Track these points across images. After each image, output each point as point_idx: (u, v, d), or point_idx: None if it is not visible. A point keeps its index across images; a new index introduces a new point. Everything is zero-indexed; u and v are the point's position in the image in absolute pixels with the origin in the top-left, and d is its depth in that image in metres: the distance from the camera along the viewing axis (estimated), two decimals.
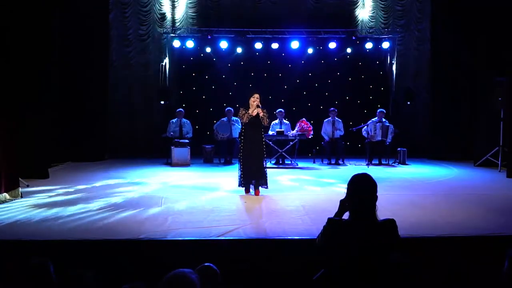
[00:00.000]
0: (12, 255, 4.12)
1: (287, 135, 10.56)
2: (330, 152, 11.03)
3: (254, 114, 6.88)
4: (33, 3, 7.77)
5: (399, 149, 10.97)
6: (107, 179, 8.25)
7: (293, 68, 12.47)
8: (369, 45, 12.19)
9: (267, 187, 7.01)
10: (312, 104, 12.49)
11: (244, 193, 6.96)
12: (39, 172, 8.08)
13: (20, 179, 6.79)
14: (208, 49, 12.18)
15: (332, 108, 11.27)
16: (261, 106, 6.94)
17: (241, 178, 7.00)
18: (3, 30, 6.50)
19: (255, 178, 6.95)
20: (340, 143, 11.00)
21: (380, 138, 10.69)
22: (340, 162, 10.96)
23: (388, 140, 10.75)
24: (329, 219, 2.97)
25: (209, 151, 11.12)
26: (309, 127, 10.51)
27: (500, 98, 9.38)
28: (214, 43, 12.04)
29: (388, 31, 12.25)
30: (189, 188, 7.49)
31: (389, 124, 10.85)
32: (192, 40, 11.95)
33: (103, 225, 5.06)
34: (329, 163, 10.96)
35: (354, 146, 11.88)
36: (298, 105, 12.33)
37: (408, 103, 11.96)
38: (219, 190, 7.32)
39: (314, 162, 11.15)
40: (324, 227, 2.98)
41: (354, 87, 12.57)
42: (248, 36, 11.85)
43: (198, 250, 4.43)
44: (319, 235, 3.05)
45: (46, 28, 8.49)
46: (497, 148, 9.58)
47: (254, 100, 6.92)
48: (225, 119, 10.95)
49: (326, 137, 11.15)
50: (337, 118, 11.22)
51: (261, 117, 6.89)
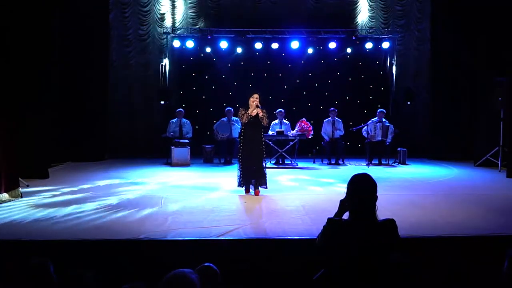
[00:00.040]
0: (12, 255, 4.12)
1: (287, 135, 10.56)
2: (330, 152, 11.03)
3: (254, 114, 6.88)
4: (33, 3, 7.76)
5: (399, 149, 10.97)
6: (107, 179, 8.26)
7: (293, 68, 12.47)
8: (369, 45, 12.19)
9: (267, 187, 7.02)
10: (312, 104, 12.49)
11: (244, 193, 6.96)
12: (39, 172, 8.08)
13: (20, 179, 6.78)
14: (208, 49, 12.18)
15: (332, 108, 11.27)
16: (261, 106, 6.94)
17: (241, 178, 7.00)
18: (3, 30, 6.50)
19: (255, 178, 6.96)
20: (340, 143, 11.00)
21: (380, 138, 10.69)
22: (340, 162, 10.96)
23: (388, 140, 10.74)
24: (329, 219, 2.97)
25: (209, 151, 11.12)
26: (309, 127, 10.51)
27: (500, 98, 9.38)
28: (214, 43, 12.04)
29: (388, 31, 12.24)
30: (189, 188, 7.49)
31: (389, 124, 10.85)
32: (192, 40, 11.95)
33: (103, 225, 5.06)
34: (329, 163, 10.96)
35: (354, 146, 11.88)
36: (298, 105, 12.33)
37: (408, 103, 11.96)
38: (219, 190, 7.32)
39: (314, 162, 11.15)
40: (324, 227, 2.98)
41: (354, 87, 12.57)
42: (248, 36, 11.84)
43: (198, 250, 4.43)
44: (319, 235, 3.05)
45: (46, 28, 8.49)
46: (497, 148, 9.58)
47: (254, 100, 6.92)
48: (225, 119, 10.95)
49: (326, 137, 11.15)
50: (337, 118, 11.22)
51: (261, 117, 6.89)
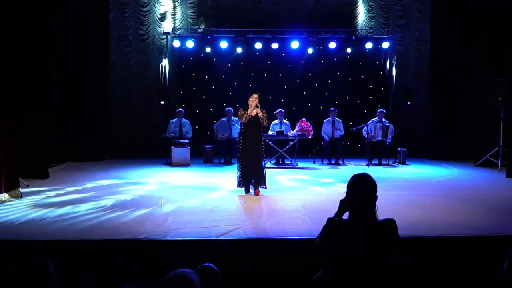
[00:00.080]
0: (12, 255, 4.12)
1: (287, 135, 10.55)
2: (330, 152, 11.03)
3: (253, 114, 6.88)
4: (33, 3, 7.76)
5: (399, 149, 10.97)
6: (107, 179, 8.25)
7: (293, 68, 12.47)
8: (369, 45, 12.18)
9: (266, 187, 7.02)
10: (312, 104, 12.49)
11: (244, 193, 6.96)
12: (39, 172, 8.08)
13: (20, 179, 6.78)
14: (208, 49, 12.17)
15: (332, 108, 11.27)
16: (261, 106, 6.94)
17: (240, 179, 7.01)
18: (3, 30, 6.50)
19: (255, 178, 6.96)
20: (340, 143, 10.99)
21: (380, 138, 10.69)
22: (340, 162, 10.96)
23: (388, 140, 10.74)
24: (329, 219, 2.97)
25: (209, 151, 11.12)
26: (309, 127, 10.51)
27: (500, 98, 9.38)
28: (214, 43, 12.04)
29: (388, 31, 12.24)
30: (189, 188, 7.49)
31: (389, 124, 10.85)
32: (192, 40, 11.95)
33: (103, 225, 5.05)
34: (329, 163, 10.96)
35: (354, 146, 11.88)
36: (298, 105, 12.33)
37: (408, 103, 11.96)
38: (219, 190, 7.32)
39: (314, 162, 11.15)
40: (324, 227, 2.98)
41: (354, 87, 12.57)
42: (248, 36, 11.84)
43: (198, 250, 4.43)
44: (319, 235, 3.05)
45: (46, 28, 8.49)
46: (497, 148, 9.58)
47: (253, 101, 6.92)
48: (225, 119, 10.95)
49: (326, 137, 11.15)
50: (337, 118, 11.22)
51: (260, 117, 6.89)
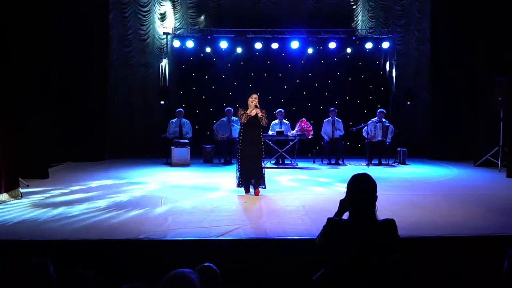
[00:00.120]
0: (12, 255, 4.12)
1: (287, 135, 10.55)
2: (330, 152, 11.03)
3: (253, 114, 6.88)
4: (33, 3, 7.76)
5: (399, 149, 10.97)
6: (107, 179, 8.25)
7: (293, 68, 12.46)
8: (369, 45, 12.18)
9: (265, 187, 7.02)
10: (312, 104, 12.49)
11: (244, 193, 6.96)
12: (39, 172, 8.08)
13: (20, 179, 6.78)
14: (208, 49, 12.17)
15: (332, 108, 11.27)
16: (261, 106, 6.95)
17: (239, 179, 7.01)
18: (3, 30, 6.50)
19: (254, 178, 6.96)
20: (340, 143, 10.99)
21: (380, 138, 10.69)
22: (340, 162, 10.96)
23: (388, 140, 10.74)
24: (329, 219, 2.97)
25: (209, 151, 11.12)
26: (309, 127, 10.51)
27: (500, 98, 9.38)
28: (214, 43, 12.04)
29: (388, 31, 12.24)
30: (189, 188, 7.49)
31: (389, 124, 10.85)
32: (192, 40, 11.94)
33: (103, 225, 5.06)
34: (329, 163, 10.96)
35: (354, 146, 11.87)
36: (298, 105, 12.33)
37: (408, 103, 11.95)
38: (219, 190, 7.32)
39: (314, 162, 11.15)
40: (324, 227, 2.98)
41: (354, 87, 12.57)
42: (248, 36, 11.84)
43: (198, 250, 4.43)
44: (319, 235, 3.05)
45: (46, 28, 8.49)
46: (497, 148, 9.58)
47: (252, 101, 6.92)
48: (225, 119, 10.95)
49: (326, 137, 11.15)
50: (337, 118, 11.22)
51: (260, 117, 6.89)
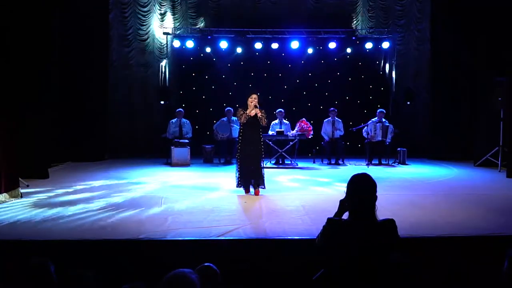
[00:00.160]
0: (12, 255, 4.12)
1: (287, 135, 10.55)
2: (330, 152, 11.03)
3: (252, 115, 6.88)
4: (33, 3, 7.76)
5: (399, 149, 10.97)
6: (107, 179, 8.26)
7: (293, 68, 12.46)
8: (369, 45, 12.17)
9: (265, 187, 7.02)
10: (312, 104, 12.49)
11: (244, 193, 6.96)
12: (39, 172, 8.08)
13: (20, 179, 6.78)
14: (208, 49, 12.17)
15: (332, 108, 11.27)
16: (261, 107, 6.95)
17: (239, 179, 7.01)
18: (3, 30, 6.50)
19: (254, 178, 6.96)
20: (340, 143, 10.99)
21: (380, 138, 10.69)
22: (340, 162, 10.96)
23: (388, 140, 10.74)
24: (329, 219, 2.97)
25: (209, 151, 11.12)
26: (309, 127, 10.51)
27: (500, 98, 9.38)
28: (214, 43, 12.03)
29: (388, 31, 12.23)
30: (189, 188, 7.49)
31: (389, 124, 10.85)
32: (192, 40, 11.94)
33: (103, 225, 5.06)
34: (329, 163, 10.96)
35: (354, 146, 11.87)
36: (298, 105, 12.33)
37: (408, 103, 11.96)
38: (219, 190, 7.32)
39: (314, 162, 11.15)
40: (324, 227, 2.98)
41: (354, 87, 12.57)
42: (248, 36, 11.84)
43: (198, 250, 4.43)
44: (319, 235, 3.05)
45: (46, 28, 8.49)
46: (497, 148, 9.58)
47: (252, 101, 6.92)
48: (225, 119, 10.95)
49: (326, 137, 11.15)
50: (337, 118, 11.22)
51: (259, 117, 6.89)
